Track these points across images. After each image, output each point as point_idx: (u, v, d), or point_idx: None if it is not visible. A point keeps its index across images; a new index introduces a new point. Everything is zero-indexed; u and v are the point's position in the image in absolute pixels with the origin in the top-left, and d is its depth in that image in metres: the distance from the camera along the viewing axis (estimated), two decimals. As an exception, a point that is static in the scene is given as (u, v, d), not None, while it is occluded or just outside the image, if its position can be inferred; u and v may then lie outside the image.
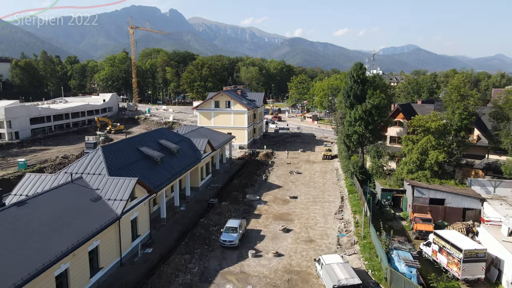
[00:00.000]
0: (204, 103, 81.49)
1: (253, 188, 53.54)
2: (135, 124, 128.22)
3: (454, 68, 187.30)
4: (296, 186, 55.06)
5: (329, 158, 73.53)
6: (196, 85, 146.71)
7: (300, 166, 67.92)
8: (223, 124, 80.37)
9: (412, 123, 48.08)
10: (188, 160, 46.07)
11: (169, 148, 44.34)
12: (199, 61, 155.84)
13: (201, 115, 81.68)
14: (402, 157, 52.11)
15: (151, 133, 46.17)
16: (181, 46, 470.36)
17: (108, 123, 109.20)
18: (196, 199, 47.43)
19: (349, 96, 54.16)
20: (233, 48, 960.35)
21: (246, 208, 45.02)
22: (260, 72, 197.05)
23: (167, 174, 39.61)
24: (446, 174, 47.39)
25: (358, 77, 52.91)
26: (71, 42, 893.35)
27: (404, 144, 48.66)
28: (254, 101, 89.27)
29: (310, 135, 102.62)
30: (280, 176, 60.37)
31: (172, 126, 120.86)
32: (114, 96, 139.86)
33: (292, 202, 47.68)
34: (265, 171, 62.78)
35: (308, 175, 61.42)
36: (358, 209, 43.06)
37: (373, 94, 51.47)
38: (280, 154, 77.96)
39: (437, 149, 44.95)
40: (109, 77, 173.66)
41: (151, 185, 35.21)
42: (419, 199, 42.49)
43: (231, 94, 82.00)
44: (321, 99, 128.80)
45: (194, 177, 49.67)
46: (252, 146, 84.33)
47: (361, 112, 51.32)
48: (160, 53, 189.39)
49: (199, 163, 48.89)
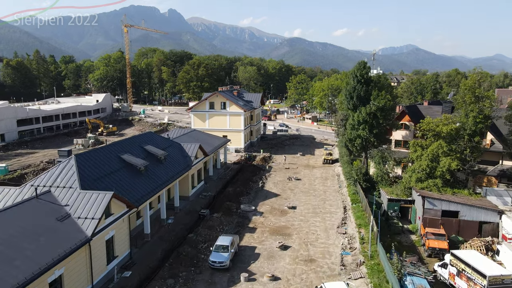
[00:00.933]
0: (198, 104, 77.54)
1: (249, 196, 49.59)
2: (129, 125, 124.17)
3: (456, 68, 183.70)
4: (294, 194, 51.13)
5: (330, 163, 69.63)
6: (192, 85, 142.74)
7: (299, 171, 63.99)
8: (218, 127, 76.43)
9: (421, 127, 44.18)
10: (176, 168, 42.09)
11: (155, 155, 40.36)
12: (196, 61, 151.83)
13: (195, 117, 77.71)
14: (409, 163, 48.24)
15: (136, 138, 42.16)
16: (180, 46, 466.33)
17: (100, 124, 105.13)
18: (185, 210, 43.47)
19: (352, 98, 50.26)
20: (232, 48, 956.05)
21: (240, 221, 41.07)
22: (258, 72, 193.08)
23: (152, 184, 35.64)
24: (458, 183, 43.52)
25: (361, 77, 49.00)
26: (69, 42, 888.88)
27: (412, 149, 44.76)
28: (251, 102, 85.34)
29: (309, 137, 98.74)
30: (278, 183, 56.43)
31: (167, 127, 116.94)
32: (108, 97, 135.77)
33: (291, 213, 43.74)
34: (261, 177, 58.83)
35: (307, 182, 57.49)
36: (363, 222, 39.14)
37: (378, 95, 47.58)
38: (278, 158, 74.01)
39: (449, 156, 41.08)
40: (104, 77, 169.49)
41: (131, 198, 31.25)
42: (430, 211, 38.60)
43: (227, 95, 78.05)
44: (321, 99, 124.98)
45: (184, 186, 45.72)
46: (249, 149, 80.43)
47: (365, 115, 47.44)
48: (156, 53, 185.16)
49: (189, 171, 44.94)
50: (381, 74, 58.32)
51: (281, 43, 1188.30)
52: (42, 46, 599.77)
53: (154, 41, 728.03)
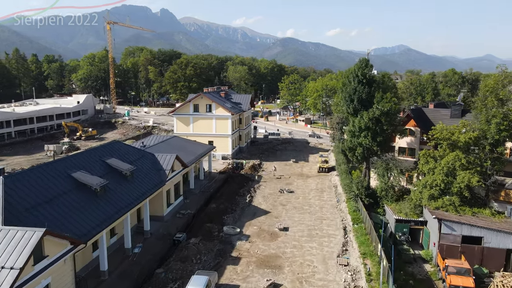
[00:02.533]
0: (182, 106, 70.72)
1: (234, 215, 42.96)
2: (112, 128, 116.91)
3: (453, 68, 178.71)
4: (287, 211, 44.62)
5: (326, 171, 63.31)
6: (180, 85, 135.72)
7: (292, 181, 57.54)
8: (204, 131, 69.74)
9: (435, 135, 37.97)
10: (146, 185, 35.35)
11: (119, 170, 33.58)
12: (183, 60, 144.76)
13: (178, 121, 70.86)
14: (418, 174, 42.05)
15: (97, 150, 35.25)
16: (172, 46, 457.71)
17: (78, 128, 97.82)
18: (158, 234, 36.74)
19: (352, 100, 43.89)
20: (224, 48, 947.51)
21: (221, 248, 34.45)
22: (250, 72, 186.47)
23: (111, 209, 28.88)
24: (476, 200, 37.42)
25: (363, 77, 42.67)
26: (60, 42, 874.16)
27: (422, 161, 38.54)
28: (240, 104, 78.73)
29: (303, 141, 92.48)
30: (268, 197, 49.90)
31: (151, 130, 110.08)
32: (90, 98, 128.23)
33: (282, 237, 37.22)
34: (250, 190, 52.24)
35: (301, 195, 51.06)
36: (368, 250, 32.79)
37: (383, 98, 41.29)
38: (269, 165, 67.46)
39: (467, 169, 34.92)
40: (88, 77, 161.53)
41: (79, 231, 24.54)
42: (448, 237, 32.38)
43: (213, 97, 71.34)
44: (315, 101, 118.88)
45: (157, 204, 38.99)
46: (238, 155, 73.84)
47: (368, 120, 41.12)
48: (143, 52, 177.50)
49: (163, 187, 38.23)
50: (384, 74, 51.59)
51: (274, 43, 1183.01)
52: (32, 46, 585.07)
53: (146, 41, 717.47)
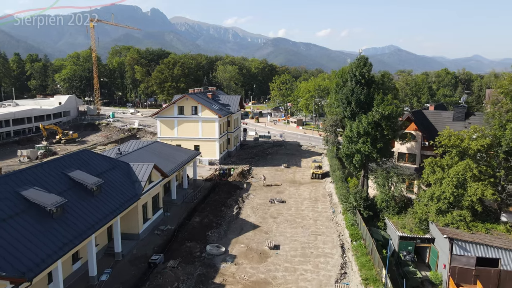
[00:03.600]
0: (166, 108, 66.10)
1: (219, 230, 38.65)
2: (95, 131, 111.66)
3: (445, 68, 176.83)
4: (278, 225, 40.44)
5: (319, 177, 59.35)
6: (167, 86, 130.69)
7: (284, 190, 53.39)
8: (189, 135, 65.30)
9: (442, 142, 34.08)
10: (117, 200, 30.85)
11: (84, 185, 29.04)
12: (171, 60, 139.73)
13: (161, 124, 66.26)
14: (422, 185, 38.20)
15: (60, 161, 30.58)
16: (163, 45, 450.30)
17: (57, 131, 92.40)
18: (131, 256, 32.26)
19: (349, 103, 39.82)
20: (216, 48, 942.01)
21: (203, 273, 30.09)
22: (240, 71, 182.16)
23: (70, 233, 24.38)
24: (488, 213, 33.66)
25: (362, 77, 38.64)
26: (48, 41, 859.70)
27: (428, 170, 34.61)
28: (228, 106, 74.39)
29: (295, 144, 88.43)
30: (258, 208, 45.66)
31: (136, 133, 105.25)
32: (72, 99, 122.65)
33: (272, 257, 33.00)
34: (237, 200, 47.96)
35: (294, 205, 46.93)
36: (370, 274, 28.73)
37: (383, 100, 37.31)
38: (259, 171, 63.31)
39: (480, 180, 31.10)
40: (72, 77, 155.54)
41: (23, 265, 20.02)
42: (460, 259, 28.49)
43: (199, 98, 66.89)
44: (307, 101, 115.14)
45: (132, 221, 34.52)
46: (226, 160, 69.52)
47: (367, 125, 37.11)
48: (130, 51, 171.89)
49: (138, 201, 33.78)
50: (384, 73, 47.51)
51: (265, 43, 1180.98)
52: (19, 45, 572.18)
53: (136, 41, 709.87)
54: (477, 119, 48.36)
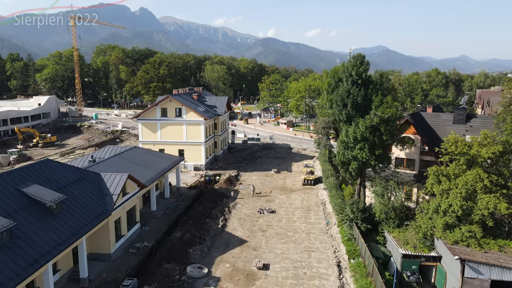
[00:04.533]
0: (148, 111, 61.95)
1: (202, 246, 34.88)
2: (77, 133, 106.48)
3: (436, 68, 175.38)
4: (267, 239, 36.83)
5: (312, 184, 55.96)
6: (153, 86, 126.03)
7: (274, 198, 49.82)
8: (173, 139, 61.32)
9: (448, 149, 30.84)
10: (82, 218, 26.87)
11: (42, 202, 25.00)
12: (157, 59, 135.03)
13: (143, 127, 62.11)
14: (425, 195, 34.95)
15: (14, 174, 26.32)
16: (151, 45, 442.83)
17: (34, 134, 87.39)
18: (100, 279, 28.28)
19: (345, 105, 36.39)
20: (205, 47, 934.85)
21: (181, 301, 26.33)
22: (229, 71, 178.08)
23: (20, 262, 20.39)
24: (498, 227, 30.56)
25: (358, 77, 35.23)
26: (34, 41, 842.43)
27: (432, 179, 31.37)
28: (215, 108, 70.54)
29: (285, 147, 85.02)
30: (245, 219, 41.98)
31: (120, 135, 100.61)
32: (52, 99, 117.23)
33: (261, 280, 29.35)
34: (223, 210, 44.21)
35: (284, 215, 43.37)
36: (372, 300, 25.30)
37: (382, 103, 33.97)
38: (248, 176, 59.68)
39: (491, 192, 27.96)
40: (53, 77, 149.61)
41: None
42: (473, 282, 25.28)
43: (183, 99, 62.92)
44: (297, 102, 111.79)
45: (102, 239, 30.53)
46: (213, 165, 65.68)
47: (364, 130, 33.72)
48: (115, 50, 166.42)
49: (109, 217, 29.81)
50: (382, 73, 43.91)
51: (254, 43, 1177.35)
52: (4, 44, 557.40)
53: (124, 40, 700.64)
54: (479, 122, 45.50)
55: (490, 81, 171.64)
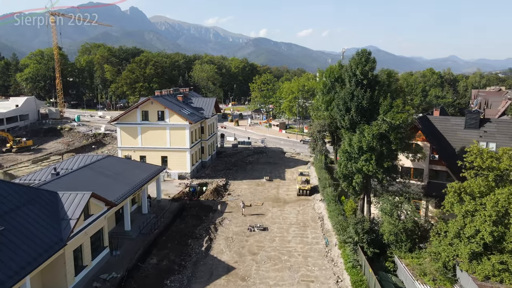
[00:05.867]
0: (127, 114, 56.40)
1: (182, 276, 29.60)
2: (56, 136, 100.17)
3: (431, 68, 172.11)
4: (258, 265, 31.68)
5: (307, 194, 50.95)
6: (138, 86, 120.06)
7: (266, 211, 44.70)
8: (155, 144, 55.90)
9: (474, 162, 26.02)
10: (27, 253, 21.47)
11: (-32, 236, 19.54)
12: (143, 58, 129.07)
13: (122, 132, 56.55)
14: (441, 219, 30.07)
15: None
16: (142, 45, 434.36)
17: (8, 138, 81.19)
18: (51, 328, 22.88)
19: (348, 110, 31.38)
20: (196, 47, 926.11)
21: None
22: (219, 71, 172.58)
23: None
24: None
25: (364, 76, 30.27)
26: (23, 40, 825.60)
27: (452, 198, 26.54)
28: (201, 110, 65.21)
29: (278, 151, 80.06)
30: (233, 239, 36.80)
31: (102, 139, 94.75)
32: (31, 100, 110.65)
33: (251, 323, 24.22)
34: (209, 228, 38.97)
35: (278, 233, 38.29)
36: None
37: (392, 107, 29.05)
38: (238, 185, 54.55)
39: (527, 215, 23.21)
40: (35, 77, 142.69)
41: None
42: (513, 332, 20.39)
43: (167, 102, 57.53)
44: (290, 103, 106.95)
45: (57, 274, 25.11)
46: (199, 172, 60.42)
47: (371, 138, 28.79)
48: (100, 49, 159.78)
49: (65, 247, 24.42)
50: (389, 72, 38.52)
51: (246, 43, 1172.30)
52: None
53: (115, 40, 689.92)
54: (493, 127, 40.93)
55: (485, 81, 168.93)
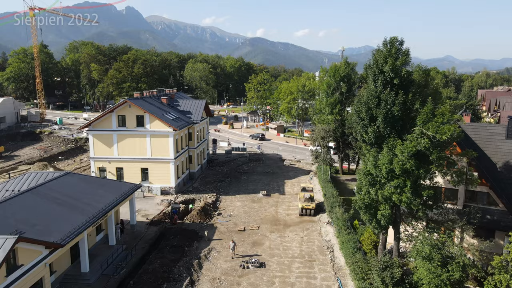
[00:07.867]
0: (100, 119, 48.36)
1: None
2: (35, 141, 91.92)
3: (435, 67, 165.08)
4: (253, 325, 23.84)
5: (311, 214, 43.17)
6: (126, 86, 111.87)
7: (262, 238, 36.86)
8: (134, 154, 47.97)
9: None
10: None
11: None
12: (131, 56, 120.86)
13: (95, 140, 48.55)
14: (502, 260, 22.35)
15: None
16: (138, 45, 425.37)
17: (-25, 144, 72.90)
18: None
19: (373, 119, 23.52)
20: (193, 47, 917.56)
21: None
22: (214, 70, 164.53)
23: None
24: None
25: (395, 74, 22.51)
26: (17, 39, 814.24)
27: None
28: (189, 114, 57.29)
29: (275, 158, 72.39)
30: (221, 281, 28.92)
31: (84, 144, 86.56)
32: (9, 102, 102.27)
33: None
34: (191, 264, 31.03)
35: (278, 272, 30.45)
36: None
37: (435, 115, 21.32)
38: (230, 202, 46.74)
39: None
40: (16, 76, 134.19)
41: None
42: None
43: (147, 105, 49.63)
44: (289, 105, 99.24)
45: None
46: (186, 185, 52.57)
47: (406, 158, 21.04)
48: (87, 46, 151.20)
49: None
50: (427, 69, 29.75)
51: (243, 43, 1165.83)
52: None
53: (110, 39, 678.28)
54: None
55: (492, 80, 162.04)
